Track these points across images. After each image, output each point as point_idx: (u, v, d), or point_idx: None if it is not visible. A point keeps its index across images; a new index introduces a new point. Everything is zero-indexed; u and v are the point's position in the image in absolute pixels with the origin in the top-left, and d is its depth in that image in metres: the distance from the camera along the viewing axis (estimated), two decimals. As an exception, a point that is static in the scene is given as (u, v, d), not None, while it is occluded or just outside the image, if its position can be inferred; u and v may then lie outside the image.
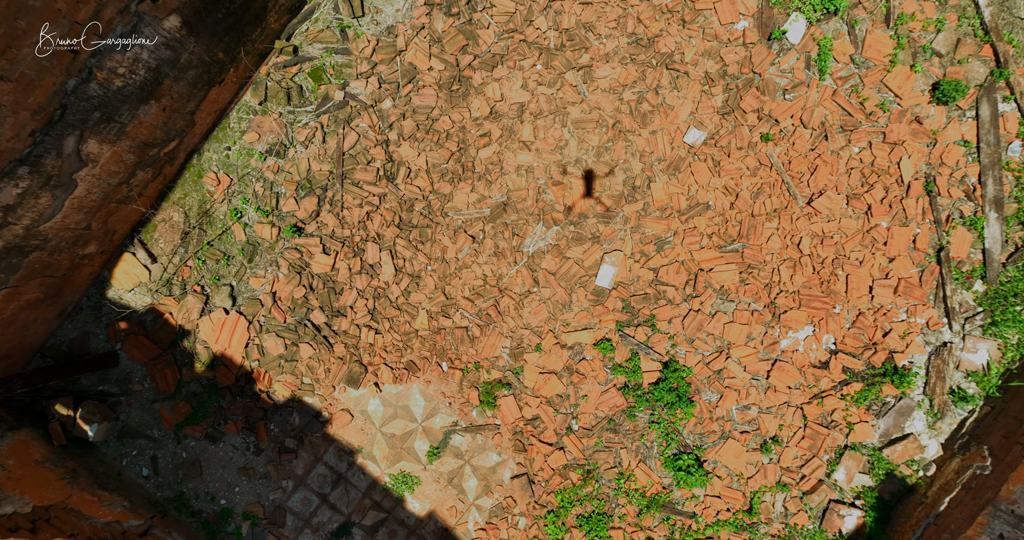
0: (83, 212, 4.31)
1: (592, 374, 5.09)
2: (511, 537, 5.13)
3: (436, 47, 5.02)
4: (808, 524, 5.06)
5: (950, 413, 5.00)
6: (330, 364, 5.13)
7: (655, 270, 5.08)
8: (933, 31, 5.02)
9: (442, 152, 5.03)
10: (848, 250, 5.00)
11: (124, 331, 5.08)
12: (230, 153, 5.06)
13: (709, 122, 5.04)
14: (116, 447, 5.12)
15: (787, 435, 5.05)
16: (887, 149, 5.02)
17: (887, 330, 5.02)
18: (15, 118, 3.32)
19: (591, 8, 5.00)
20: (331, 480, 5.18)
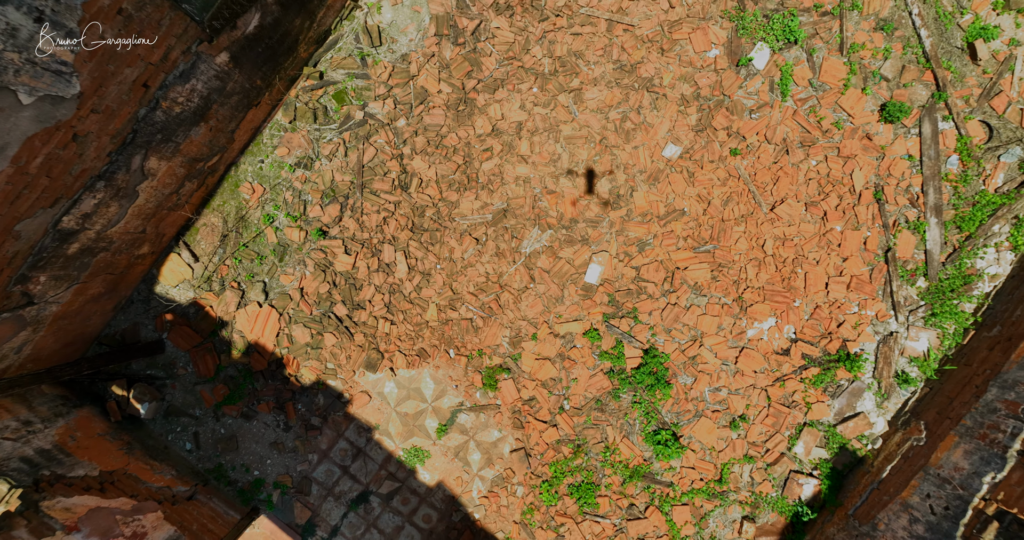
0: (140, 218, 4.97)
1: (582, 360, 5.75)
2: (510, 504, 5.79)
3: (444, 72, 5.67)
4: (771, 492, 5.72)
5: (895, 394, 5.66)
6: (351, 351, 5.79)
7: (637, 268, 5.74)
8: (881, 58, 5.68)
9: (450, 165, 5.69)
10: (806, 251, 5.67)
11: (170, 322, 5.74)
12: (263, 165, 5.72)
13: (684, 138, 5.70)
14: (163, 424, 5.79)
15: (753, 414, 5.71)
16: (841, 162, 5.68)
17: (841, 321, 5.68)
18: (98, 142, 3.98)
19: (580, 38, 5.66)
20: (351, 454, 5.85)
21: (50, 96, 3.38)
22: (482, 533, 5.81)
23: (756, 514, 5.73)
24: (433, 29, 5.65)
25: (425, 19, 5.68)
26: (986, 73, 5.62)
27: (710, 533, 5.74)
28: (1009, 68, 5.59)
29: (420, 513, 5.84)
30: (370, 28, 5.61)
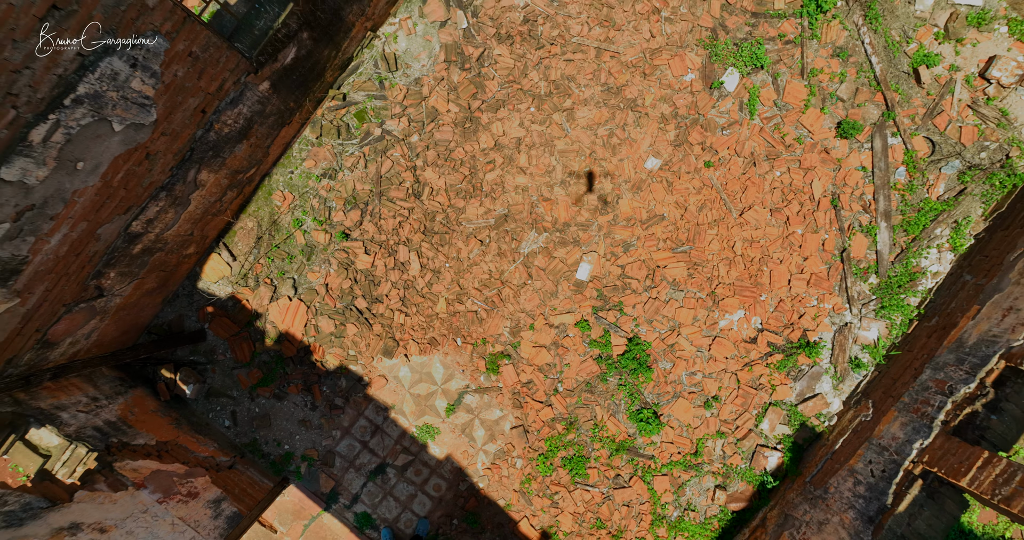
0: (190, 222, 5.70)
1: (573, 347, 6.47)
2: (510, 474, 6.51)
3: (452, 94, 6.40)
4: (741, 463, 6.44)
5: (849, 377, 6.38)
6: (370, 340, 6.51)
7: (622, 267, 6.46)
8: (837, 82, 6.40)
9: (457, 175, 6.41)
10: (771, 251, 6.39)
11: (211, 314, 6.46)
12: (293, 176, 6.45)
13: (664, 152, 6.42)
14: (204, 404, 6.52)
15: (724, 395, 6.43)
16: (802, 173, 6.40)
17: (801, 313, 6.40)
18: (164, 159, 4.71)
19: (572, 64, 6.38)
20: (370, 430, 6.57)
21: (134, 123, 4.10)
22: (486, 500, 6.54)
23: (727, 483, 6.45)
24: (443, 56, 6.38)
25: (435, 47, 6.41)
26: (929, 95, 6.34)
27: (687, 500, 6.47)
28: (949, 91, 6.31)
29: (431, 483, 6.57)
30: (387, 55, 6.34)
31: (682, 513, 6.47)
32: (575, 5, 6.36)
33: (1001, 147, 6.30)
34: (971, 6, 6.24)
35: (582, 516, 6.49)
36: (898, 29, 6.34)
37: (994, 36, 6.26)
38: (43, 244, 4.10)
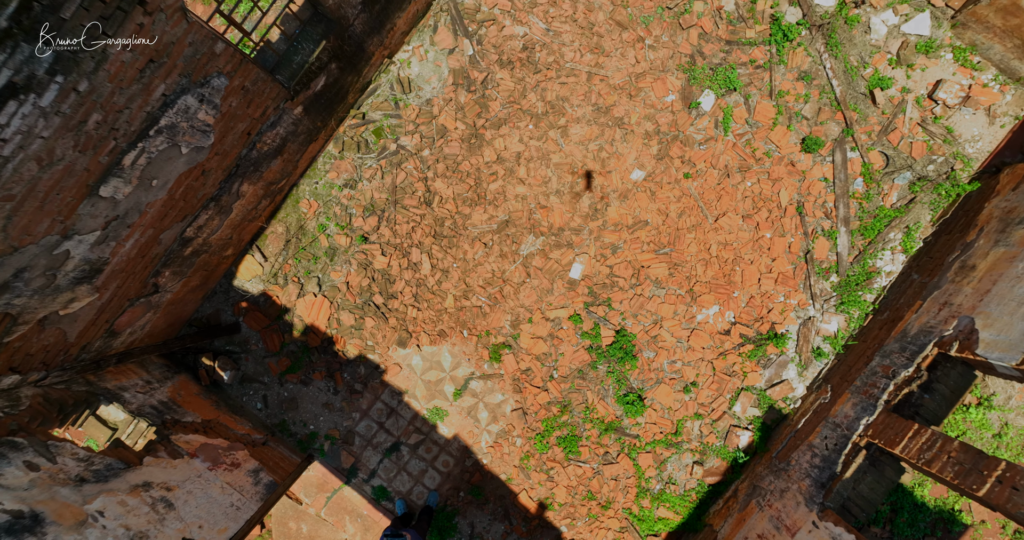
0: (231, 228, 6.47)
1: (567, 339, 7.24)
2: (511, 452, 7.28)
3: (460, 113, 7.17)
4: (716, 442, 7.21)
5: (812, 365, 7.15)
6: (386, 332, 7.28)
7: (611, 267, 7.23)
8: (802, 102, 7.17)
9: (463, 185, 7.18)
10: (743, 253, 7.16)
11: (244, 308, 7.24)
12: (318, 186, 7.22)
13: (648, 165, 7.19)
14: (239, 389, 7.28)
15: (701, 381, 7.20)
16: (770, 183, 7.17)
17: (770, 308, 7.17)
18: (215, 175, 5.47)
19: (566, 86, 7.15)
20: (386, 412, 7.34)
21: (196, 147, 4.88)
22: (489, 475, 7.30)
23: (704, 459, 7.22)
24: (451, 79, 7.15)
25: (445, 72, 7.18)
26: (884, 114, 7.11)
27: (668, 474, 7.24)
28: (901, 110, 7.08)
29: (440, 459, 7.33)
30: (402, 79, 7.11)
31: (664, 486, 7.24)
32: (568, 34, 7.14)
33: (947, 161, 7.07)
34: (920, 35, 7.01)
35: (575, 489, 7.26)
36: (856, 55, 7.10)
37: (940, 62, 7.03)
38: (120, 248, 4.87)
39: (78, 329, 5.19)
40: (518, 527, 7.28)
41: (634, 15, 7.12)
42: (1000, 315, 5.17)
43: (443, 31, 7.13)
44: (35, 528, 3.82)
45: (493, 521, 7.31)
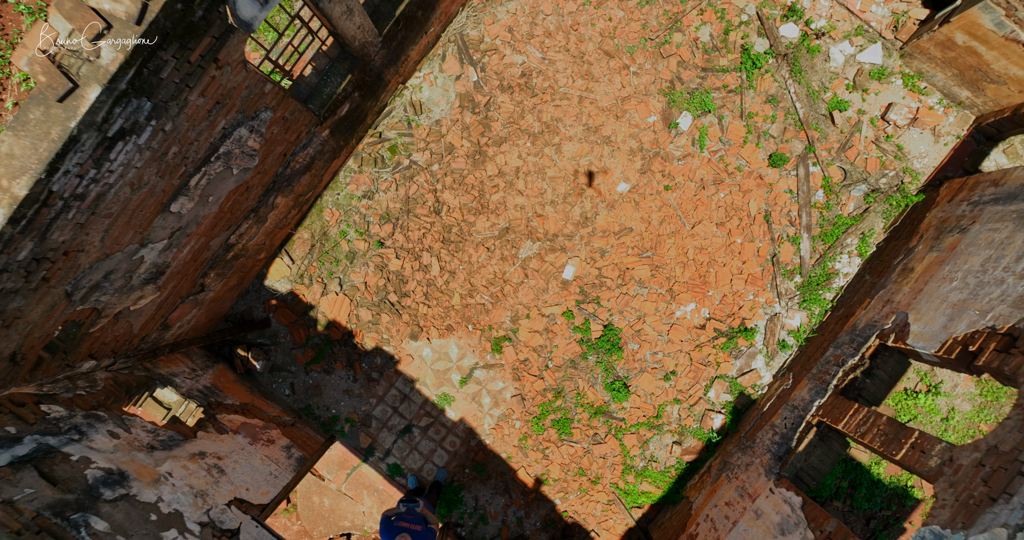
0: (264, 234, 7.31)
1: (560, 332, 8.07)
2: (511, 433, 8.12)
3: (465, 132, 8.01)
4: (692, 424, 8.04)
5: (777, 356, 7.98)
6: (399, 326, 8.12)
7: (599, 269, 8.06)
8: (769, 122, 8.00)
9: (469, 196, 8.02)
10: (717, 256, 7.99)
11: (274, 306, 8.08)
12: (339, 197, 8.06)
13: (632, 178, 8.02)
14: (269, 377, 8.13)
15: (680, 370, 8.04)
16: (741, 195, 8.00)
17: (741, 305, 8.00)
18: (256, 190, 6.31)
19: (560, 108, 7.99)
20: (399, 398, 8.18)
21: (244, 168, 5.72)
22: (491, 454, 8.14)
23: (682, 439, 8.06)
24: (458, 103, 7.98)
25: (452, 95, 8.02)
26: (842, 133, 7.94)
27: (650, 453, 8.07)
28: (857, 130, 7.91)
29: (448, 440, 8.17)
30: (414, 102, 7.95)
31: (647, 463, 8.08)
32: (562, 62, 7.97)
33: (897, 175, 7.90)
34: (873, 64, 7.84)
35: (567, 466, 8.10)
36: (817, 81, 7.93)
37: (891, 87, 7.86)
38: (179, 253, 5.71)
39: (141, 322, 6.03)
40: (517, 500, 8.12)
41: (620, 45, 7.95)
42: (927, 311, 6.00)
43: (451, 60, 7.96)
44: (123, 482, 4.66)
45: (495, 495, 8.15)
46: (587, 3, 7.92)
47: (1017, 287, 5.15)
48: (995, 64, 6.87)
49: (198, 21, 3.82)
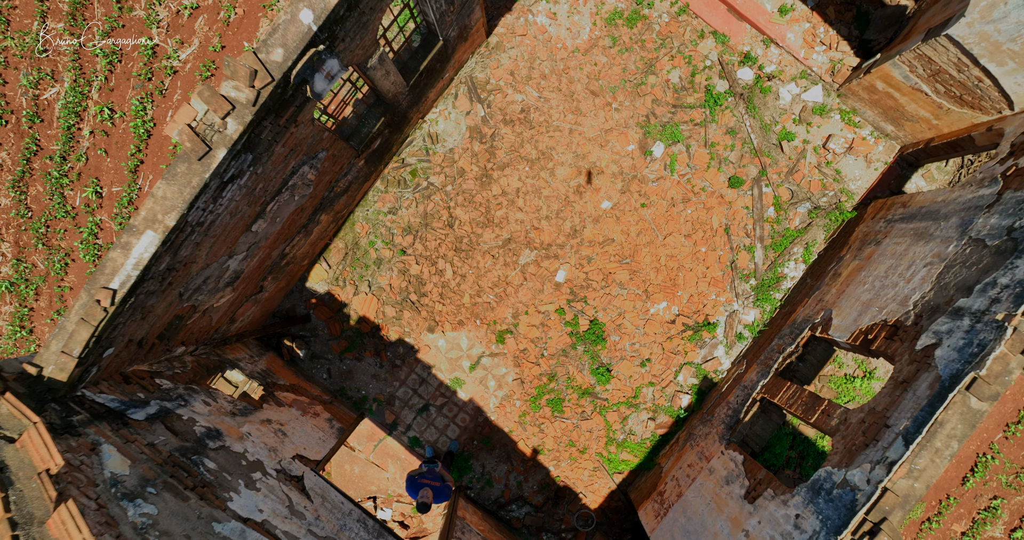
0: (309, 245, 8.72)
1: (554, 326, 9.48)
2: (512, 411, 9.52)
3: (474, 159, 9.41)
4: (664, 403, 9.44)
5: (735, 346, 9.39)
6: (419, 321, 9.52)
7: (586, 273, 9.46)
8: (729, 150, 9.40)
9: (477, 212, 9.42)
10: (684, 263, 9.39)
11: (314, 303, 9.48)
12: (368, 212, 9.47)
13: (614, 197, 9.43)
14: (310, 363, 9.53)
15: (654, 358, 9.44)
16: (705, 211, 9.40)
17: (705, 304, 9.40)
18: (308, 211, 7.71)
19: (553, 139, 9.39)
20: (419, 381, 9.58)
21: (302, 194, 7.11)
22: (496, 428, 9.55)
23: (655, 416, 9.47)
24: (468, 134, 9.39)
25: (463, 128, 9.43)
26: (790, 159, 9.34)
27: (629, 428, 9.48)
28: (802, 157, 9.31)
29: (459, 417, 9.58)
30: (431, 133, 9.36)
31: (626, 436, 9.49)
32: (555, 100, 9.38)
33: (836, 195, 9.30)
34: (815, 102, 9.25)
35: (560, 438, 9.50)
36: (768, 116, 9.34)
37: (831, 121, 9.27)
38: (251, 262, 7.12)
39: (217, 317, 7.44)
40: (517, 467, 9.53)
41: (604, 86, 9.36)
42: (846, 308, 7.41)
43: (462, 98, 9.37)
44: (219, 437, 6.06)
45: (499, 462, 9.56)
46: (576, 51, 9.33)
47: (904, 289, 6.56)
48: (908, 107, 8.28)
49: (288, 98, 5.23)
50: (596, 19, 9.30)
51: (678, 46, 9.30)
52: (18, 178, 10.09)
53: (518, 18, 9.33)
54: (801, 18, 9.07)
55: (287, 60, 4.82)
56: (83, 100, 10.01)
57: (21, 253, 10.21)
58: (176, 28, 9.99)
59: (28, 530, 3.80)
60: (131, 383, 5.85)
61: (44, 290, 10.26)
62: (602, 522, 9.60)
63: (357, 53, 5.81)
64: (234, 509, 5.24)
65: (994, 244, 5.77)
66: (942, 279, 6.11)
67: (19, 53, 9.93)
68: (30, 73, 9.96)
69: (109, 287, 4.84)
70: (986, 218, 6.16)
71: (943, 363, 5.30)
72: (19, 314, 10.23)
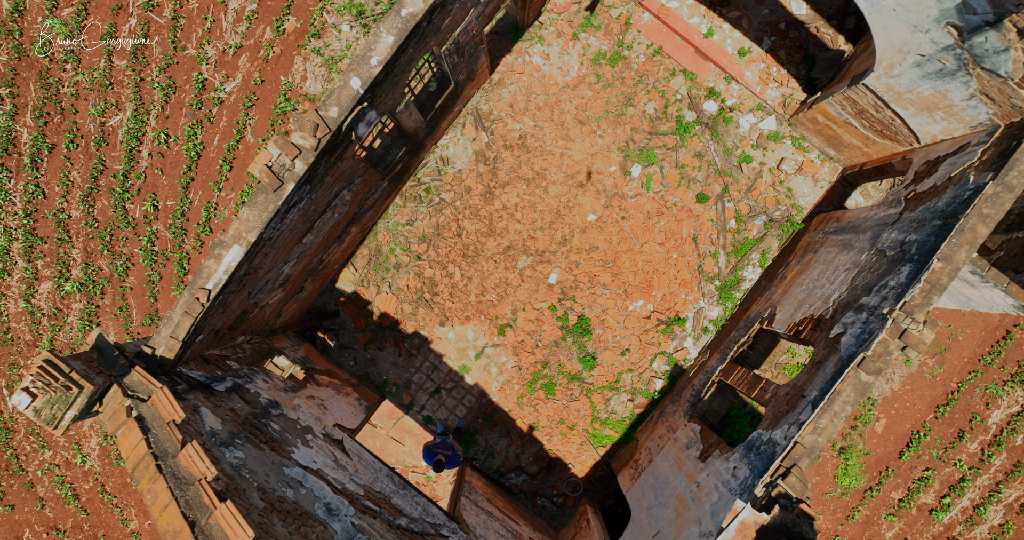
0: (340, 251, 10.17)
1: (547, 321, 10.91)
2: (511, 393, 10.95)
3: (479, 178, 10.86)
4: (641, 386, 10.88)
5: (702, 338, 10.82)
6: (432, 317, 10.97)
7: (575, 276, 10.90)
8: (697, 171, 10.83)
9: (482, 224, 10.86)
10: (659, 267, 10.82)
11: (343, 301, 10.92)
12: (388, 224, 10.91)
13: (598, 211, 10.86)
14: (339, 353, 10.97)
15: (632, 348, 10.87)
16: (676, 223, 10.83)
17: (676, 302, 10.84)
18: (343, 224, 9.15)
19: (547, 161, 10.83)
20: (431, 368, 11.02)
21: (341, 212, 8.55)
22: (497, 408, 10.98)
23: (634, 398, 10.90)
24: (474, 157, 10.84)
25: (470, 152, 10.87)
26: (749, 179, 10.78)
27: (611, 408, 10.92)
28: (759, 176, 10.75)
29: (466, 398, 11.02)
30: (443, 157, 10.81)
31: (609, 415, 10.93)
32: (548, 128, 10.82)
33: (788, 209, 10.74)
34: (770, 130, 10.69)
35: (552, 417, 10.94)
36: (730, 141, 10.78)
37: (783, 146, 10.71)
38: (298, 267, 8.56)
39: (269, 312, 8.88)
40: (515, 441, 10.97)
41: (589, 116, 10.80)
42: (786, 305, 8.85)
43: (469, 127, 10.82)
44: (278, 407, 7.50)
45: (500, 437, 11.00)
46: (566, 86, 10.78)
47: (828, 289, 8.00)
48: (843, 136, 9.72)
49: (339, 141, 6.67)
50: (583, 59, 10.75)
51: (653, 82, 10.75)
52: (87, 193, 11.53)
53: (516, 58, 10.78)
54: (757, 59, 10.52)
55: (340, 115, 6.27)
56: (143, 126, 11.45)
57: (89, 258, 11.65)
58: (222, 64, 11.43)
59: (166, 461, 5.24)
60: (209, 364, 7.29)
61: (108, 290, 11.70)
62: (588, 488, 11.05)
63: (389, 103, 7.26)
64: (296, 459, 6.68)
65: (891, 254, 7.21)
66: (854, 282, 7.55)
67: (89, 86, 11.39)
68: (98, 103, 11.41)
69: (206, 288, 6.29)
70: (889, 233, 7.60)
71: (845, 347, 6.74)
72: (87, 310, 11.67)
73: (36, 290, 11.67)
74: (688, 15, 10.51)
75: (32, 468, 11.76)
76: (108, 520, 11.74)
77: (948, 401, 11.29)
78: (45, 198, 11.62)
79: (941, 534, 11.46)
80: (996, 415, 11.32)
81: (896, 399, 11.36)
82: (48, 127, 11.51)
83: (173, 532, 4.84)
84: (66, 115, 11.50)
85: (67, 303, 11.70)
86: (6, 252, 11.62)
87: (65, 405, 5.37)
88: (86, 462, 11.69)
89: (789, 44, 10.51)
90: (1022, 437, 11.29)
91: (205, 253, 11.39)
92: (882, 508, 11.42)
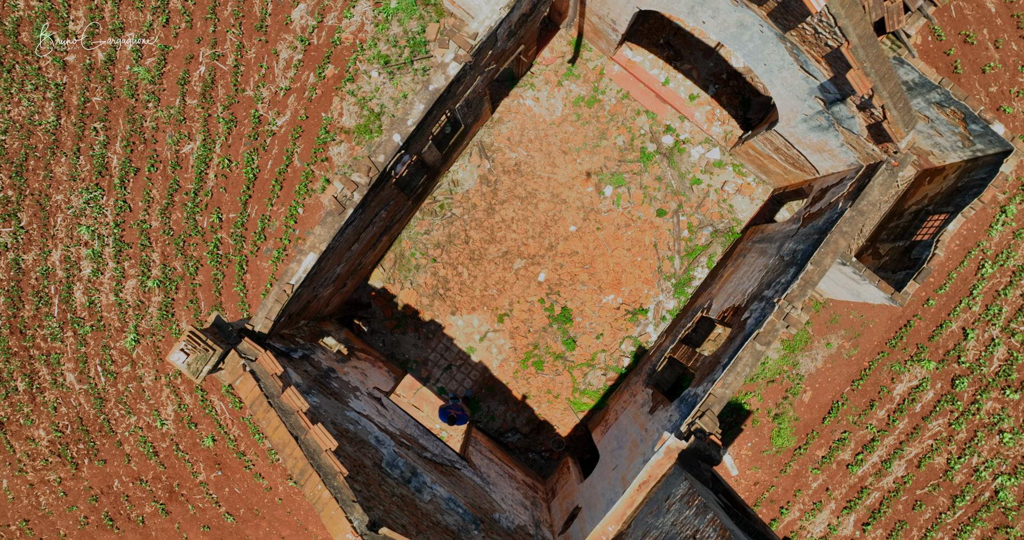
0: (374, 256, 12.52)
1: (537, 311, 13.25)
2: (508, 369, 13.30)
3: (483, 197, 13.20)
4: (613, 364, 13.22)
5: (661, 325, 13.17)
6: (445, 308, 13.32)
7: (560, 275, 13.24)
8: (657, 191, 13.20)
9: (485, 233, 13.21)
10: (626, 269, 13.16)
11: (373, 295, 13.28)
12: (410, 233, 13.27)
13: (578, 223, 13.20)
14: (370, 336, 13.33)
15: (605, 332, 13.22)
16: (641, 233, 13.17)
17: (640, 296, 13.18)
18: (377, 234, 11.52)
19: (537, 183, 13.17)
20: (444, 348, 13.37)
21: (378, 225, 10.91)
22: (497, 381, 13.34)
23: (607, 372, 13.26)
24: (478, 180, 13.19)
25: (475, 176, 13.22)
26: (699, 197, 13.13)
27: (589, 381, 13.27)
28: (707, 195, 13.09)
29: (472, 373, 13.38)
30: (454, 180, 13.17)
31: (587, 386, 13.28)
32: (538, 156, 13.16)
33: (729, 222, 13.09)
34: (715, 158, 13.03)
35: (541, 388, 13.30)
36: (684, 167, 13.12)
37: (726, 171, 13.05)
38: (345, 268, 10.90)
39: (321, 302, 11.23)
40: (511, 407, 13.32)
41: (571, 147, 13.15)
42: (720, 298, 11.20)
43: (474, 155, 13.17)
44: (335, 372, 9.83)
45: (499, 404, 13.35)
46: (552, 123, 13.13)
47: (746, 285, 10.34)
48: (770, 165, 12.07)
49: (383, 177, 9.02)
50: (566, 102, 13.10)
51: (622, 120, 13.10)
52: (164, 208, 13.87)
53: (513, 101, 13.13)
54: (705, 102, 12.87)
55: (386, 161, 8.62)
56: (210, 153, 13.79)
57: (166, 260, 14.00)
58: (274, 103, 13.77)
59: (272, 400, 7.58)
60: (284, 339, 9.64)
61: (181, 286, 14.05)
62: (570, 446, 13.40)
63: (418, 147, 9.61)
64: (352, 406, 9.04)
65: (787, 259, 9.56)
66: (763, 280, 9.91)
67: (167, 121, 13.73)
68: (174, 135, 13.76)
69: (291, 283, 8.64)
70: (789, 243, 9.95)
71: (748, 326, 9.08)
72: (165, 303, 14.02)
73: (123, 286, 14.02)
74: (650, 67, 12.85)
75: (120, 430, 14.11)
76: (181, 472, 14.09)
77: (861, 376, 13.63)
78: (131, 211, 13.96)
79: (856, 484, 13.81)
80: (900, 388, 13.67)
81: (820, 375, 13.71)
82: (134, 154, 13.85)
83: (283, 442, 7.19)
84: (148, 144, 13.84)
85: (148, 297, 14.05)
86: (100, 255, 13.97)
87: (204, 362, 7.71)
88: (164, 425, 14.04)
89: (730, 91, 12.86)
90: (920, 405, 13.65)
91: (261, 256, 13.74)
92: (809, 463, 13.77)
